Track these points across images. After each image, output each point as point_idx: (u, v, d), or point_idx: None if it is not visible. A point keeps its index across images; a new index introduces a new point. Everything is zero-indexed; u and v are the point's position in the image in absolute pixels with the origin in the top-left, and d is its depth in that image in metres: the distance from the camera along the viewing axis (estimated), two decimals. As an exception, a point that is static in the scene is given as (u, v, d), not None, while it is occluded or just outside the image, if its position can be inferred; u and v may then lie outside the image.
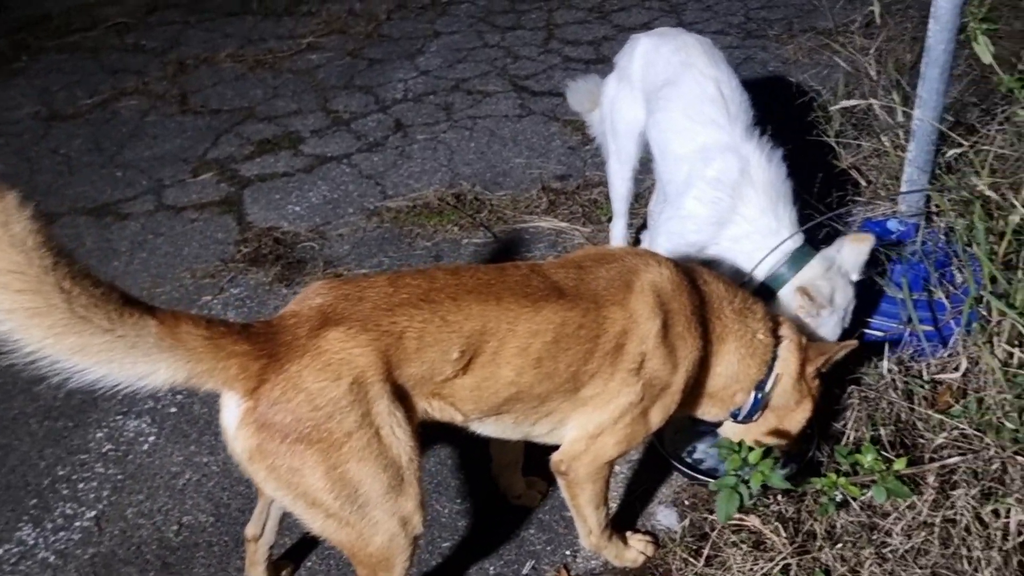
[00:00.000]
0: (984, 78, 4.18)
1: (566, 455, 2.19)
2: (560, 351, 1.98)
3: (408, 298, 1.86)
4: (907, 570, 2.28)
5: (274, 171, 4.60)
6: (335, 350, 1.76)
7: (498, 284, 1.96)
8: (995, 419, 2.50)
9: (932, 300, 2.90)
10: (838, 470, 2.45)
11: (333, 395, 1.74)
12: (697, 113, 2.87)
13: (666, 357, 2.08)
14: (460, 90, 5.40)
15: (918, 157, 2.96)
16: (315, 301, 1.85)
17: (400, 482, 1.87)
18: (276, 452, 1.74)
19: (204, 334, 1.69)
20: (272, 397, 1.72)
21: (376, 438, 1.80)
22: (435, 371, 1.87)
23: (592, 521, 2.31)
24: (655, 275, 2.10)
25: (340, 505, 1.81)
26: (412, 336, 1.83)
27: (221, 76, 5.83)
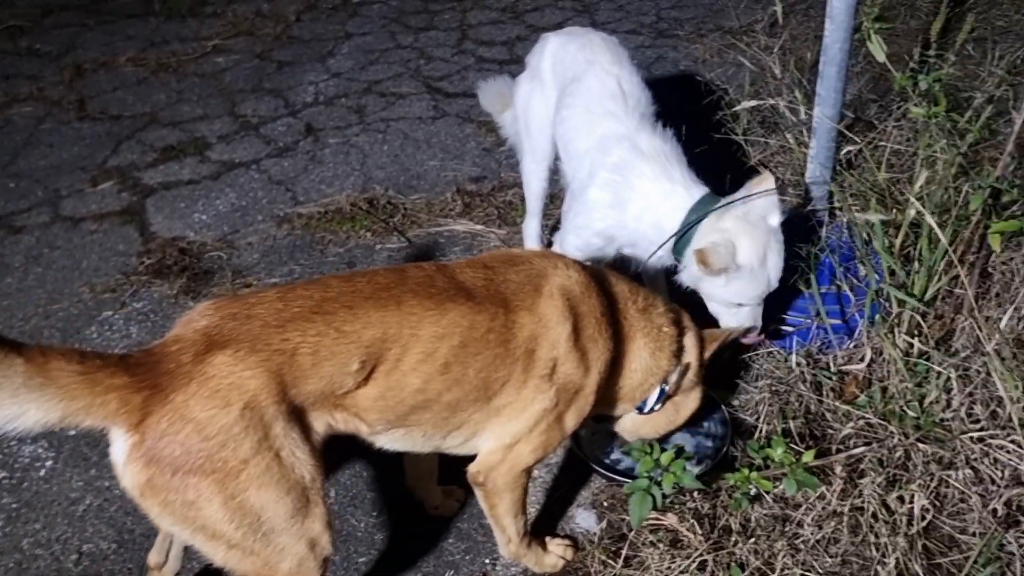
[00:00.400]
0: (882, 75, 4.33)
1: (483, 466, 2.15)
2: (469, 356, 1.93)
3: (300, 312, 1.78)
4: (819, 559, 2.33)
5: (179, 179, 4.43)
6: (223, 375, 1.67)
7: (398, 287, 1.89)
8: (898, 408, 2.58)
9: (839, 293, 2.97)
10: (751, 464, 2.49)
11: (224, 423, 1.65)
12: (598, 107, 2.89)
13: (578, 361, 2.06)
14: (372, 92, 5.32)
15: (819, 154, 3.03)
16: (200, 324, 1.75)
17: (305, 503, 1.80)
18: (168, 487, 1.65)
19: (77, 369, 1.58)
20: (159, 430, 1.63)
21: (276, 461, 1.73)
22: (335, 385, 1.80)
23: (511, 530, 2.29)
24: (563, 278, 2.07)
25: (242, 535, 1.73)
26: (306, 352, 1.75)
27: (121, 80, 5.60)
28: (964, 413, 2.53)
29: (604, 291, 2.17)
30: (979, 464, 2.43)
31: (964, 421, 2.51)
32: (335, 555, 1.93)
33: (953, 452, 2.46)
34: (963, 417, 2.52)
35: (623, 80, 2.95)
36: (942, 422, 2.53)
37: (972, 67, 4.12)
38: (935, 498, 2.43)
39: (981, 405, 2.52)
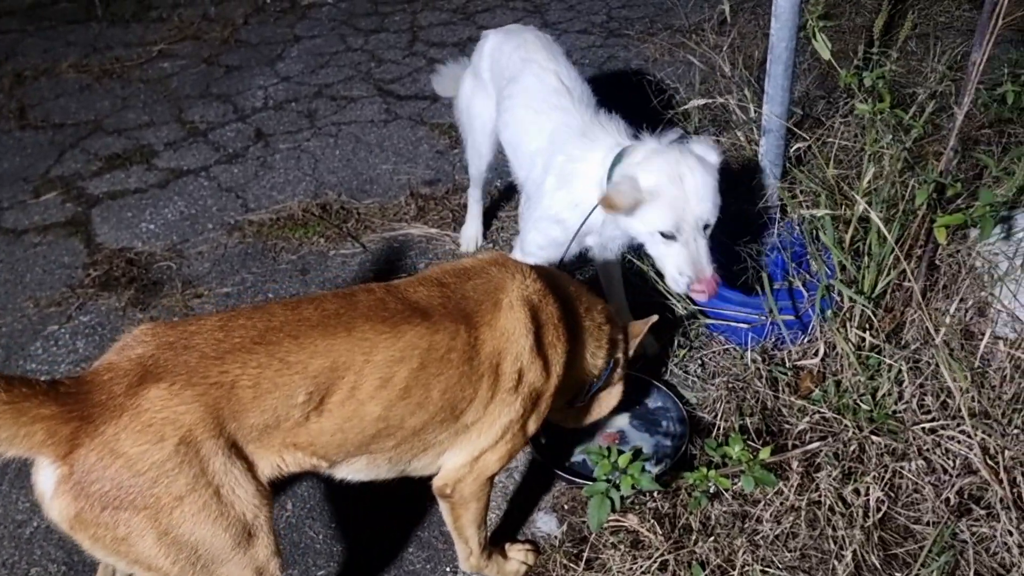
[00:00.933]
0: (828, 73, 4.39)
1: (450, 479, 2.11)
2: (431, 378, 1.86)
3: (240, 342, 1.71)
4: (778, 555, 2.34)
5: (125, 187, 4.33)
6: (156, 408, 1.60)
7: (347, 313, 1.82)
8: (851, 401, 2.61)
9: (792, 289, 3.00)
10: (709, 463, 2.50)
11: (156, 458, 1.59)
12: (543, 104, 2.87)
13: (541, 368, 2.05)
14: (323, 96, 5.25)
15: (769, 151, 3.06)
16: (135, 351, 1.68)
17: (248, 536, 1.74)
18: (98, 522, 1.59)
19: (3, 398, 1.51)
20: (88, 464, 1.57)
21: (215, 498, 1.66)
22: (280, 418, 1.73)
23: (473, 542, 2.27)
24: (521, 288, 2.04)
25: (180, 569, 1.68)
26: (246, 384, 1.68)
27: (64, 88, 5.46)
28: (916, 405, 2.57)
29: (558, 294, 2.16)
30: (931, 454, 2.47)
31: (916, 412, 2.55)
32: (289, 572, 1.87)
33: (906, 444, 2.49)
34: (915, 408, 2.56)
35: (562, 75, 2.94)
36: (895, 414, 2.57)
37: (915, 63, 4.21)
38: (889, 489, 2.46)
39: (932, 396, 2.57)
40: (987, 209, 2.38)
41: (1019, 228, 2.71)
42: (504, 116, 3.03)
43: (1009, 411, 2.46)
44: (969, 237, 2.85)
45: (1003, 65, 3.29)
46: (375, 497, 2.64)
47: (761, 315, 2.96)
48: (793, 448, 2.56)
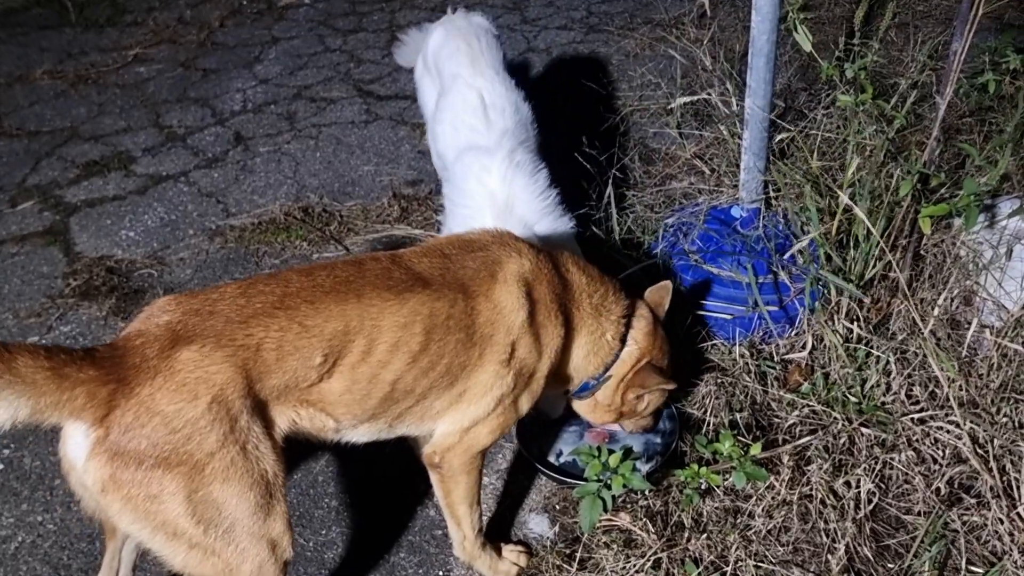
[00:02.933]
0: (810, 64, 4.39)
1: (439, 447, 2.15)
2: (432, 343, 1.94)
3: (262, 307, 1.78)
4: (770, 549, 2.34)
5: (103, 195, 4.27)
6: (189, 369, 1.67)
7: (357, 280, 1.90)
8: (840, 393, 2.61)
9: (777, 282, 2.99)
10: (700, 459, 2.49)
11: (191, 416, 1.66)
12: (460, 123, 2.99)
13: (533, 345, 2.09)
14: (303, 98, 5.20)
15: (753, 144, 3.05)
16: (162, 319, 1.74)
17: (268, 500, 1.79)
18: (132, 480, 1.64)
19: (45, 365, 1.57)
20: (124, 423, 1.62)
21: (241, 455, 1.72)
22: (299, 379, 1.80)
23: (466, 523, 2.27)
24: (518, 265, 2.09)
25: (203, 532, 1.72)
26: (270, 347, 1.75)
27: (39, 95, 5.38)
28: (904, 395, 2.57)
29: (560, 277, 2.18)
30: (921, 445, 2.47)
31: (904, 403, 2.56)
32: (293, 559, 1.88)
33: (895, 435, 2.49)
34: (903, 399, 2.56)
35: (485, 92, 3.02)
36: (883, 405, 2.57)
37: (896, 53, 4.21)
38: (880, 481, 2.46)
39: (920, 386, 2.57)
40: (971, 199, 2.38)
41: (1003, 216, 2.71)
42: (435, 128, 3.18)
43: (997, 400, 2.47)
44: (954, 227, 2.86)
45: (983, 53, 3.29)
46: (365, 503, 2.62)
47: (747, 308, 2.96)
48: (783, 443, 2.56)
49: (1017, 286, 2.67)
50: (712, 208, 3.40)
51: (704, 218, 3.30)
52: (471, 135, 2.93)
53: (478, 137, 2.90)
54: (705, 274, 3.09)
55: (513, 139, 2.88)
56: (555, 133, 4.50)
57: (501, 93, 3.04)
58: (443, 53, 3.25)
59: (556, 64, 5.42)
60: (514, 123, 2.98)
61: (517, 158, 2.78)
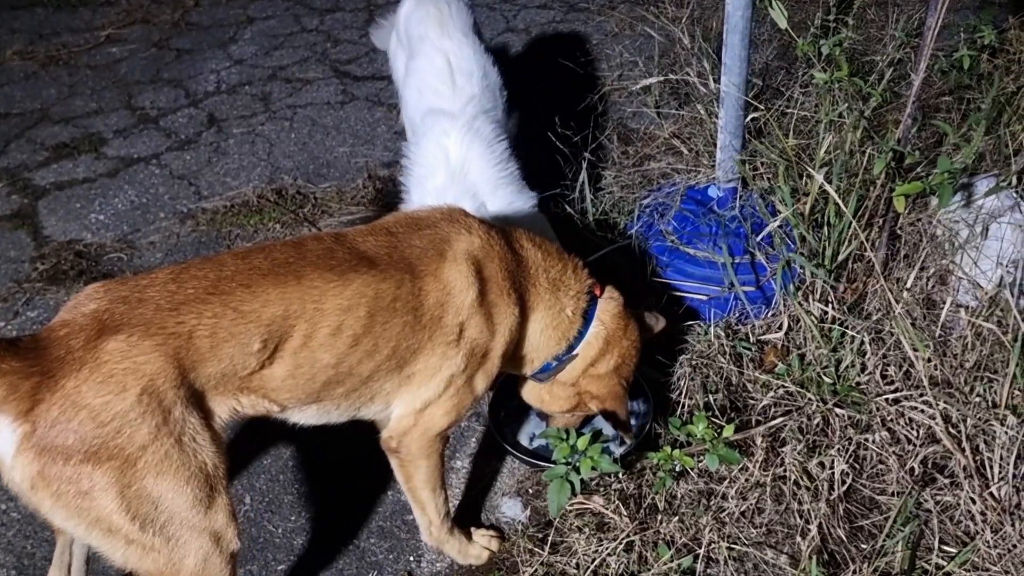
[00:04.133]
0: (788, 43, 4.35)
1: (395, 432, 2.11)
2: (377, 325, 1.88)
3: (194, 293, 1.72)
4: (744, 531, 2.32)
5: (73, 178, 4.19)
6: (116, 360, 1.60)
7: (297, 261, 1.83)
8: (815, 374, 2.59)
9: (753, 262, 2.97)
10: (674, 442, 2.47)
11: (119, 408, 1.59)
12: (425, 87, 2.97)
13: (484, 324, 2.04)
14: (278, 79, 5.12)
15: (729, 123, 3.01)
16: (88, 307, 1.68)
17: (209, 491, 1.73)
18: (61, 476, 1.58)
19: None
20: (50, 418, 1.56)
21: (176, 447, 1.66)
22: (238, 366, 1.74)
23: (431, 508, 2.24)
24: (467, 243, 2.03)
25: (139, 528, 1.66)
26: (203, 334, 1.69)
27: (8, 76, 5.27)
28: (879, 375, 2.55)
29: (513, 254, 2.13)
30: (895, 425, 2.46)
31: (879, 383, 2.54)
32: (240, 549, 1.85)
33: (869, 415, 2.48)
34: (878, 379, 2.55)
35: (452, 55, 2.99)
36: (858, 386, 2.56)
37: (874, 31, 4.17)
38: (854, 462, 2.45)
39: (894, 367, 2.56)
40: (945, 176, 2.35)
41: (979, 195, 2.69)
42: (403, 91, 3.17)
43: (971, 379, 2.46)
44: (930, 206, 2.84)
45: (960, 31, 3.26)
46: (335, 489, 2.59)
47: (722, 288, 2.93)
48: (757, 424, 2.54)
49: (992, 265, 2.66)
50: (689, 188, 3.36)
51: (681, 198, 3.27)
52: (436, 99, 2.91)
53: (443, 101, 2.88)
54: (681, 255, 3.06)
55: (477, 106, 2.86)
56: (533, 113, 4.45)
57: (469, 56, 3.00)
58: (413, 19, 3.22)
59: (535, 44, 5.35)
60: (480, 89, 2.95)
61: (477, 125, 2.75)
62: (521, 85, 4.78)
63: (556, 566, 2.27)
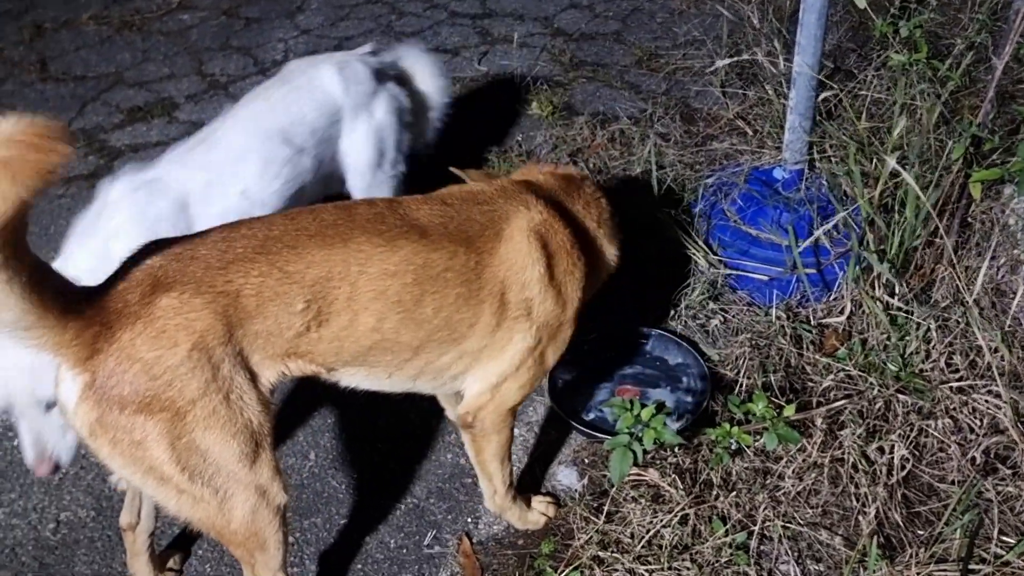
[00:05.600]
0: (862, 23, 4.27)
1: (471, 407, 2.14)
2: (425, 295, 1.88)
3: (243, 252, 1.75)
4: (799, 511, 2.34)
5: (147, 140, 4.32)
6: (168, 316, 1.65)
7: (345, 224, 1.85)
8: (878, 359, 2.58)
9: (816, 245, 2.95)
10: (732, 419, 2.48)
11: (171, 363, 1.64)
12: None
13: (556, 297, 2.05)
14: (343, 49, 5.18)
15: (799, 104, 2.98)
16: (145, 263, 1.73)
17: (254, 447, 1.78)
18: (116, 425, 1.65)
19: (54, 287, 1.55)
20: (107, 368, 1.63)
21: (224, 403, 1.71)
22: (282, 326, 1.77)
23: (497, 478, 2.28)
24: (527, 218, 2.02)
25: (189, 478, 1.72)
26: (249, 293, 1.72)
27: (84, 40, 5.43)
28: (944, 363, 2.53)
29: (567, 217, 2.12)
30: (958, 413, 2.44)
31: (944, 371, 2.52)
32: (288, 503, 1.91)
33: (933, 402, 2.46)
34: (943, 367, 2.53)
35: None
36: (921, 373, 2.54)
37: (953, 12, 4.07)
38: (914, 448, 2.44)
39: (960, 355, 2.53)
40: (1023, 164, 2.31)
41: (1056, 184, 2.64)
42: None
43: (1039, 370, 2.42)
44: (1003, 194, 2.79)
45: (1044, 16, 3.17)
46: (398, 449, 2.66)
47: (784, 270, 2.92)
48: (817, 406, 2.54)
49: (1066, 256, 2.61)
50: (754, 169, 3.34)
51: (745, 178, 3.26)
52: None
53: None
54: (743, 235, 3.06)
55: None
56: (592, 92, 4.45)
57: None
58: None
59: (598, 20, 5.33)
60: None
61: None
62: (581, 62, 4.78)
63: (611, 534, 2.31)
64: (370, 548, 2.39)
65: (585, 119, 4.11)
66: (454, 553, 2.38)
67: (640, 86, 4.48)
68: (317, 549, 2.38)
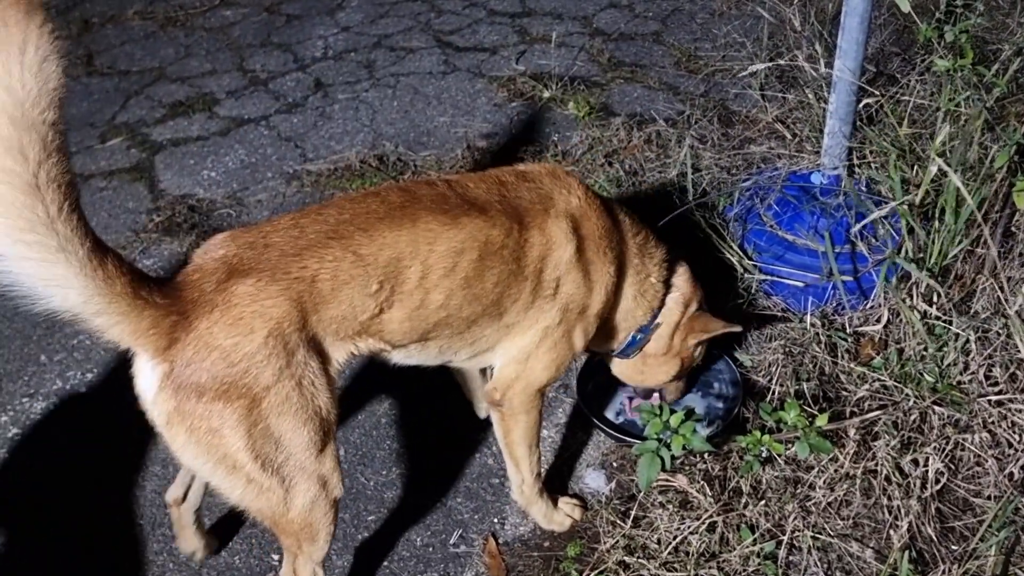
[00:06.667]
0: (906, 27, 4.20)
1: (499, 383, 2.19)
2: (486, 270, 1.95)
3: (316, 238, 1.78)
4: (830, 522, 2.31)
5: (188, 135, 4.38)
6: (245, 303, 1.68)
7: (411, 205, 1.89)
8: (914, 370, 2.54)
9: (854, 252, 2.91)
10: (763, 427, 2.46)
11: (248, 350, 1.67)
12: None
13: (581, 280, 2.10)
14: (382, 47, 5.22)
15: (839, 109, 2.94)
16: (218, 253, 1.76)
17: (322, 436, 1.82)
18: (194, 413, 1.67)
19: (128, 276, 1.58)
20: (186, 357, 1.65)
21: (297, 390, 1.75)
22: (357, 309, 1.81)
23: (524, 466, 2.30)
24: (567, 201, 2.09)
25: (260, 466, 1.75)
26: (325, 278, 1.76)
27: (129, 35, 5.53)
28: (982, 376, 2.48)
29: (611, 216, 2.19)
30: (996, 428, 2.39)
31: (982, 384, 2.47)
32: (340, 516, 1.93)
33: (970, 415, 2.41)
34: (981, 380, 2.47)
35: None
36: (959, 385, 2.49)
37: (1001, 17, 3.99)
38: (950, 461, 2.39)
39: (1000, 368, 2.48)
40: (1071, 174, 2.26)
41: (1104, 195, 2.56)
42: None
43: (1082, 386, 2.36)
44: (1049, 203, 2.72)
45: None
46: (426, 448, 2.68)
47: (820, 276, 2.88)
48: (851, 416, 2.51)
49: (1114, 269, 2.54)
50: (791, 173, 3.30)
51: (782, 183, 3.22)
52: None
53: None
54: (780, 240, 3.02)
55: None
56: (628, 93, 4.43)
57: None
58: None
59: (637, 21, 5.30)
60: None
61: None
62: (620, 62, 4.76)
63: (637, 539, 2.30)
64: (397, 546, 2.40)
65: (622, 120, 4.09)
66: (480, 553, 2.38)
67: (679, 87, 4.45)
68: (344, 545, 2.40)
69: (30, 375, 2.96)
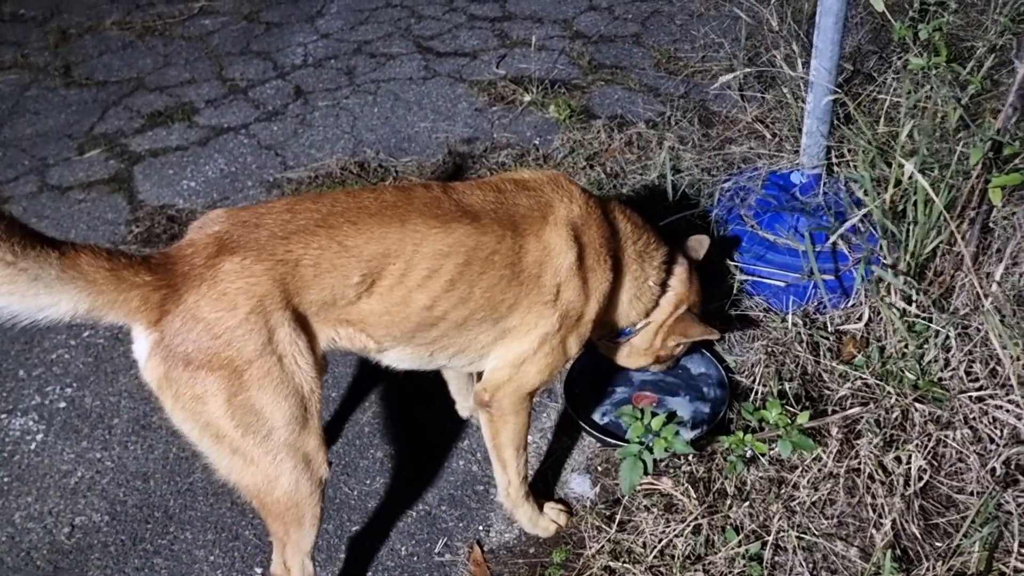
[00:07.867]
0: (882, 26, 4.22)
1: (489, 384, 2.20)
2: (474, 275, 1.98)
3: (305, 224, 1.85)
4: (814, 521, 2.31)
5: (167, 145, 4.36)
6: (230, 279, 1.76)
7: (404, 205, 1.94)
8: (896, 368, 2.54)
9: (835, 251, 2.91)
10: (746, 427, 2.46)
11: (230, 324, 1.75)
12: None
13: (580, 288, 2.13)
14: (362, 53, 5.20)
15: (816, 108, 2.95)
16: (212, 228, 1.84)
17: (303, 413, 1.87)
18: (180, 380, 1.77)
19: (105, 266, 1.68)
20: (174, 327, 1.74)
21: (278, 366, 1.81)
22: (337, 297, 1.87)
23: (511, 468, 2.30)
24: (568, 209, 2.12)
25: (242, 435, 1.82)
26: (308, 263, 1.82)
27: (107, 45, 5.49)
28: (963, 372, 2.49)
29: (609, 223, 2.21)
30: (977, 423, 2.40)
31: (963, 380, 2.48)
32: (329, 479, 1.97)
33: (951, 412, 2.42)
34: (962, 376, 2.48)
35: None
36: (940, 382, 2.50)
37: (975, 15, 4.02)
38: (932, 458, 2.40)
39: (980, 364, 2.48)
40: (1046, 169, 2.26)
41: (1080, 189, 2.58)
42: None
43: (1062, 380, 2.37)
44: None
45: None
46: (410, 455, 2.66)
47: (801, 275, 2.89)
48: (833, 414, 2.51)
49: (1091, 263, 2.55)
50: (771, 173, 3.31)
51: (763, 183, 3.22)
52: None
53: None
54: (760, 240, 3.03)
55: None
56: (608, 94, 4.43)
57: None
58: None
59: (617, 23, 5.31)
60: None
61: None
62: (600, 65, 4.76)
63: (623, 543, 2.29)
64: (381, 555, 2.39)
65: (603, 123, 4.10)
66: (465, 561, 2.37)
67: (659, 89, 4.46)
68: (329, 556, 2.38)
69: (8, 391, 2.93)
